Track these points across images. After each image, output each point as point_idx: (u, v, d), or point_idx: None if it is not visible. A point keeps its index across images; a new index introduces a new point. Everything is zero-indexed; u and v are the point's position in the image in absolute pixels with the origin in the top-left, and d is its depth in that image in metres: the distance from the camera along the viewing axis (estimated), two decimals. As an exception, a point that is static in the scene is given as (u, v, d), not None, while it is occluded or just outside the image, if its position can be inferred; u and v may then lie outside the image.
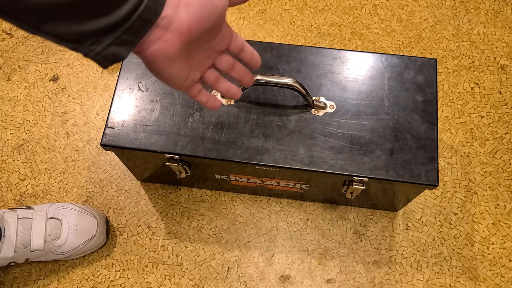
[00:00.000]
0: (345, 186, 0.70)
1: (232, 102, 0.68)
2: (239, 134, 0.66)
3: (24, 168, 0.87)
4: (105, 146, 0.67)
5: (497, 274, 0.78)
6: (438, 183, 0.64)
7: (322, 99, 0.68)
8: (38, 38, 0.99)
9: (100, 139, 0.67)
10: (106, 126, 0.67)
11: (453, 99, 0.91)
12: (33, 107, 0.92)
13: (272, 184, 0.76)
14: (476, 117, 0.89)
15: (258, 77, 0.63)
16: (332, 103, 0.68)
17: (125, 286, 0.79)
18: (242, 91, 0.65)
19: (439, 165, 0.85)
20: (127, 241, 0.81)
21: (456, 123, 0.89)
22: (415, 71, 0.70)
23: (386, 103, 0.68)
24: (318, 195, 0.80)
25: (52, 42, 0.77)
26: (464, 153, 0.86)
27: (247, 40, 0.73)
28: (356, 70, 0.70)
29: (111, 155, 0.87)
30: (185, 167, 0.70)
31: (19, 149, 0.89)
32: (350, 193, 0.71)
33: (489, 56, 0.94)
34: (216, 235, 0.82)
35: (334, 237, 0.81)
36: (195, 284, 0.78)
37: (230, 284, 0.78)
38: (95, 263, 0.80)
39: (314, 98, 0.68)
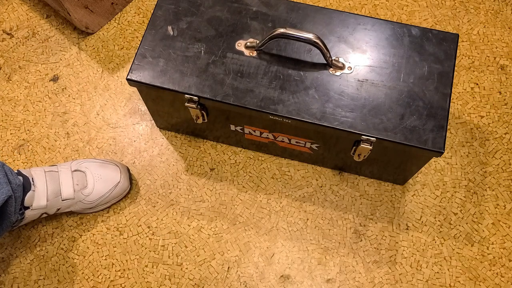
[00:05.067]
0: (354, 147, 0.72)
1: (255, 54, 0.71)
2: (257, 84, 0.69)
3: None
4: (131, 81, 0.71)
5: (497, 274, 0.78)
6: (444, 150, 0.65)
7: (341, 59, 0.71)
8: (38, 38, 0.99)
9: (126, 75, 0.73)
10: (133, 63, 0.71)
11: (453, 99, 0.91)
12: (33, 107, 0.92)
13: (283, 141, 0.79)
14: (476, 117, 0.89)
15: (282, 30, 0.66)
16: (350, 65, 0.70)
17: (125, 286, 0.79)
18: (270, 40, 0.68)
19: (439, 164, 0.85)
20: (127, 241, 0.82)
21: (456, 123, 0.89)
22: (436, 44, 0.71)
23: (403, 71, 0.70)
24: (327, 159, 0.81)
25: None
26: (464, 153, 0.86)
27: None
28: (378, 37, 0.72)
29: (111, 155, 0.87)
30: (202, 112, 0.73)
31: (19, 149, 0.89)
32: (358, 155, 0.73)
33: (489, 56, 0.94)
34: (216, 235, 0.82)
35: (334, 237, 0.81)
36: (195, 284, 0.79)
37: (230, 284, 0.78)
38: (95, 263, 0.80)
39: (333, 58, 0.70)
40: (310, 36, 0.66)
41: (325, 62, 0.70)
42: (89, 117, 0.91)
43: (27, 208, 0.73)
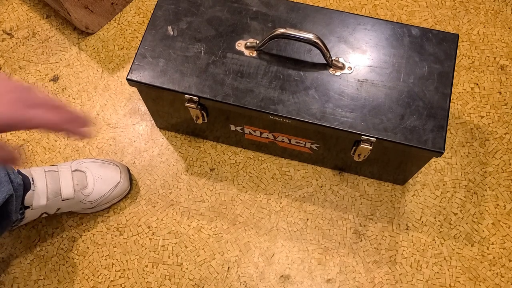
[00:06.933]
0: (354, 147, 0.72)
1: (255, 54, 0.71)
2: (257, 84, 0.70)
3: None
4: (131, 81, 0.71)
5: (497, 274, 0.78)
6: (444, 150, 0.65)
7: (341, 60, 0.71)
8: (38, 38, 0.99)
9: (126, 75, 0.73)
10: (133, 63, 0.71)
11: (453, 99, 0.91)
12: (33, 107, 0.92)
13: (283, 141, 0.79)
14: (476, 117, 0.89)
15: (282, 30, 0.66)
16: (350, 65, 0.71)
17: (125, 286, 0.79)
18: (270, 40, 0.68)
19: (439, 164, 0.85)
20: (127, 241, 0.82)
21: (456, 123, 0.89)
22: (436, 44, 0.72)
23: (403, 71, 0.70)
24: (327, 159, 0.81)
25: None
26: (464, 153, 0.86)
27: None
28: (378, 37, 0.72)
29: (111, 155, 0.87)
30: (202, 112, 0.73)
31: (19, 149, 0.89)
32: (358, 155, 0.73)
33: (489, 56, 0.94)
34: (216, 235, 0.82)
35: (334, 237, 0.81)
36: (195, 284, 0.79)
37: (230, 284, 0.78)
38: (95, 263, 0.80)
39: (333, 58, 0.70)
40: (310, 36, 0.66)
41: (325, 62, 0.70)
42: (89, 117, 0.91)
43: (27, 207, 0.73)
